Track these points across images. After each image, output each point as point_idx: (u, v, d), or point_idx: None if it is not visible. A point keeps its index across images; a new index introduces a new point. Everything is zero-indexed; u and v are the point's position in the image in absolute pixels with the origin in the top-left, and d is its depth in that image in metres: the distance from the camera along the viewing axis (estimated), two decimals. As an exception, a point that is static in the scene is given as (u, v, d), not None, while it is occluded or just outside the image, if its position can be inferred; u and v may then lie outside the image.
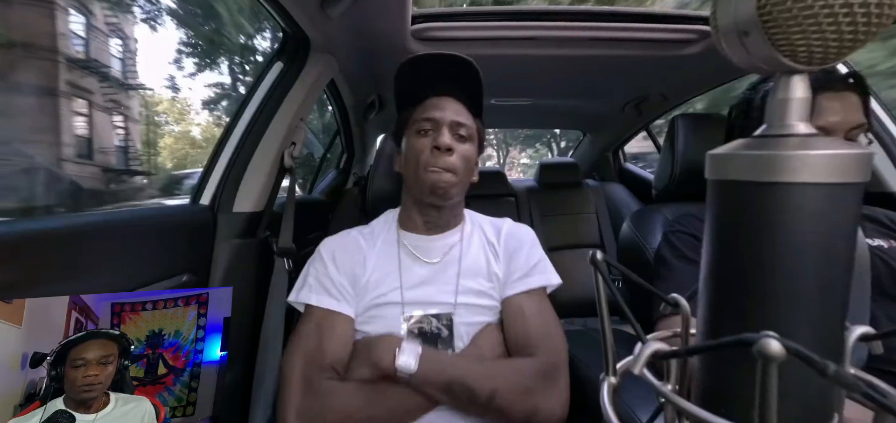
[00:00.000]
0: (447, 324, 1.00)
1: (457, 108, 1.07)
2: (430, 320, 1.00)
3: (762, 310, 0.28)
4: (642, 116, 2.48)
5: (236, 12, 8.95)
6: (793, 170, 0.26)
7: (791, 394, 0.27)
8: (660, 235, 1.30)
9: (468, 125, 1.07)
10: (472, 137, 1.08)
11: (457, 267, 1.05)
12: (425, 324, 1.00)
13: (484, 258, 1.08)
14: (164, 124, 19.21)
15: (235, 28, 10.89)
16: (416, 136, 1.05)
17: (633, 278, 0.37)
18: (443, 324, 1.00)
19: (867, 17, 0.25)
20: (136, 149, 11.65)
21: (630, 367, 0.31)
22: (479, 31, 1.48)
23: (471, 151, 1.08)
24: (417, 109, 1.08)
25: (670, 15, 1.50)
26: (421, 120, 1.05)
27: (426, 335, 0.99)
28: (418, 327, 0.99)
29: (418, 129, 1.05)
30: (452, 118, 1.04)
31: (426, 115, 1.05)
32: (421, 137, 1.04)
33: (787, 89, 0.29)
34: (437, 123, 1.04)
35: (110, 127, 8.78)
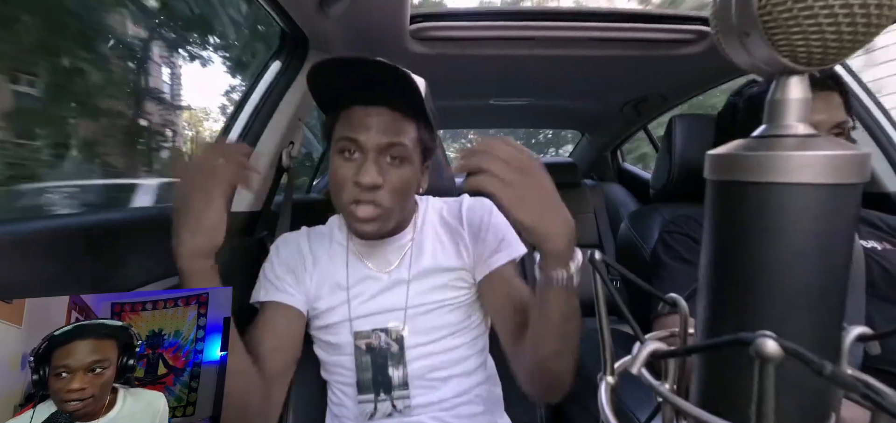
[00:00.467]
0: (397, 338, 0.94)
1: (388, 122, 0.86)
2: (379, 334, 0.95)
3: (760, 310, 0.28)
4: (641, 116, 2.48)
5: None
6: (792, 170, 0.26)
7: (789, 394, 0.27)
8: (657, 235, 1.30)
9: (403, 143, 0.87)
10: (410, 156, 0.89)
11: (407, 273, 0.97)
12: (374, 340, 0.95)
13: (441, 250, 1.00)
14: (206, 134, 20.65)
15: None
16: (338, 156, 0.89)
17: (631, 278, 0.37)
18: (392, 338, 0.95)
19: (867, 18, 0.25)
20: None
21: (628, 367, 0.31)
22: (478, 31, 1.48)
23: (408, 175, 0.90)
24: (340, 120, 0.89)
25: (669, 15, 1.51)
26: (342, 138, 0.88)
27: (375, 351, 0.94)
28: (366, 344, 0.95)
29: (340, 147, 0.88)
30: (379, 141, 0.85)
31: (347, 133, 0.87)
32: (343, 160, 0.88)
33: (786, 90, 0.29)
34: (360, 145, 0.86)
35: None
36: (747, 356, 0.22)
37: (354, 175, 0.85)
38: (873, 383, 0.29)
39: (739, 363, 0.28)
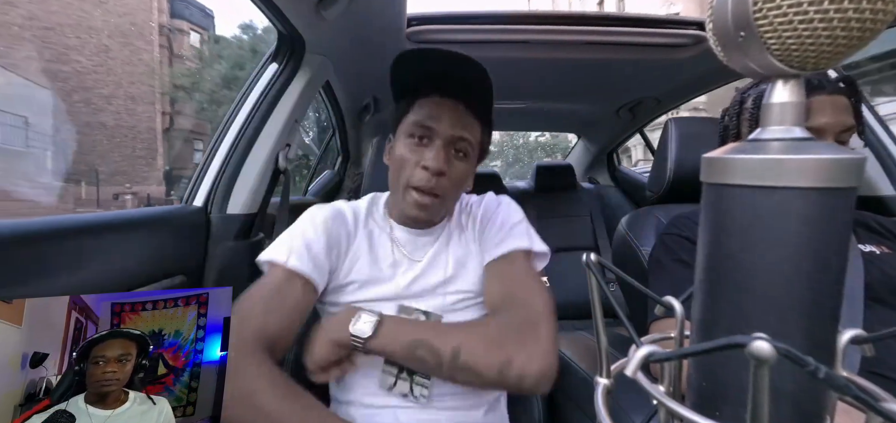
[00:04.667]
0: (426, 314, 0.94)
1: (459, 116, 0.91)
2: (420, 315, 0.93)
3: (755, 313, 0.28)
4: (637, 119, 2.50)
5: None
6: (787, 174, 0.26)
7: (783, 397, 0.27)
8: (653, 237, 1.30)
9: (469, 139, 0.92)
10: (472, 153, 0.95)
11: (442, 274, 0.97)
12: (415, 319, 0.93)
13: (468, 249, 1.00)
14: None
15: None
16: (407, 139, 0.93)
17: (627, 280, 0.37)
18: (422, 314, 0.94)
19: (861, 22, 0.25)
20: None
21: (624, 369, 0.32)
22: (474, 34, 1.48)
23: (467, 170, 0.95)
24: (414, 107, 0.93)
25: (665, 19, 1.52)
26: (415, 123, 0.92)
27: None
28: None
29: (410, 131, 0.92)
30: (451, 132, 0.90)
31: (421, 120, 0.91)
32: (412, 144, 0.92)
33: (781, 94, 0.29)
34: (432, 133, 0.90)
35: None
36: (742, 359, 0.22)
37: (421, 159, 0.90)
38: (867, 385, 0.29)
39: (735, 365, 0.28)
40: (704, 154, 0.31)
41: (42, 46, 14.71)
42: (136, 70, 17.20)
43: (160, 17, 18.51)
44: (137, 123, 17.29)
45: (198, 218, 1.21)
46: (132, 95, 17.20)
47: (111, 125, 15.53)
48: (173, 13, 20.39)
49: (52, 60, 15.01)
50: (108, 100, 16.48)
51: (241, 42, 19.37)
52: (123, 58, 16.81)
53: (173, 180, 18.45)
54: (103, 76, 16.28)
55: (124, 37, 16.84)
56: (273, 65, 1.38)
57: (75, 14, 15.55)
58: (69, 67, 15.42)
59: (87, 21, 15.86)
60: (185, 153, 20.29)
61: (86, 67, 15.95)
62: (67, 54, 15.43)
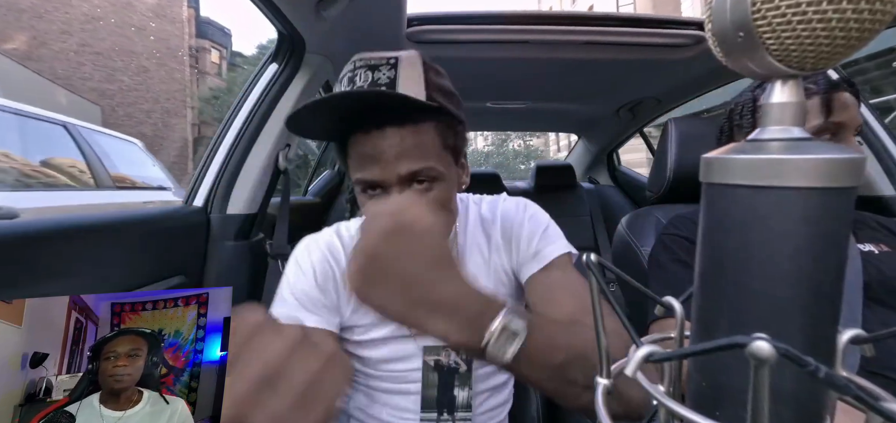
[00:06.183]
0: (466, 358, 0.84)
1: (402, 143, 0.72)
2: (449, 352, 0.84)
3: (756, 313, 0.28)
4: (636, 119, 2.50)
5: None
6: (786, 173, 0.26)
7: (783, 397, 0.27)
8: (653, 237, 1.30)
9: (427, 166, 0.75)
10: (440, 174, 0.77)
11: None
12: (443, 357, 0.84)
13: (482, 259, 0.91)
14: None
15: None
16: (363, 195, 0.78)
17: (627, 280, 0.37)
18: (461, 357, 0.84)
19: (860, 23, 0.25)
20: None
21: (624, 369, 0.31)
22: (474, 34, 1.48)
23: (442, 194, 0.79)
24: (351, 159, 0.77)
25: (664, 19, 1.52)
26: (359, 180, 0.76)
27: (443, 370, 0.84)
28: (435, 360, 0.84)
29: (361, 186, 0.77)
30: (400, 172, 0.73)
31: (362, 175, 0.75)
32: (369, 199, 0.77)
33: (780, 94, 0.29)
34: (382, 183, 0.75)
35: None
36: (742, 359, 0.22)
37: None
38: (868, 385, 0.29)
39: (734, 366, 0.28)
40: (704, 155, 0.31)
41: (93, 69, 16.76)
42: (170, 88, 19.17)
43: (189, 41, 20.48)
44: (171, 133, 19.15)
45: (198, 218, 1.21)
46: (167, 110, 19.09)
47: (150, 135, 17.20)
48: (198, 33, 22.07)
49: (102, 81, 16.98)
50: (148, 113, 18.40)
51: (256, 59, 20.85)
52: (160, 77, 18.90)
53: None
54: (143, 93, 18.23)
55: (160, 58, 19.03)
56: (273, 65, 1.38)
57: (120, 40, 17.54)
58: (115, 86, 17.40)
59: (129, 46, 17.79)
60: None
61: (128, 85, 17.91)
62: (114, 75, 17.36)
